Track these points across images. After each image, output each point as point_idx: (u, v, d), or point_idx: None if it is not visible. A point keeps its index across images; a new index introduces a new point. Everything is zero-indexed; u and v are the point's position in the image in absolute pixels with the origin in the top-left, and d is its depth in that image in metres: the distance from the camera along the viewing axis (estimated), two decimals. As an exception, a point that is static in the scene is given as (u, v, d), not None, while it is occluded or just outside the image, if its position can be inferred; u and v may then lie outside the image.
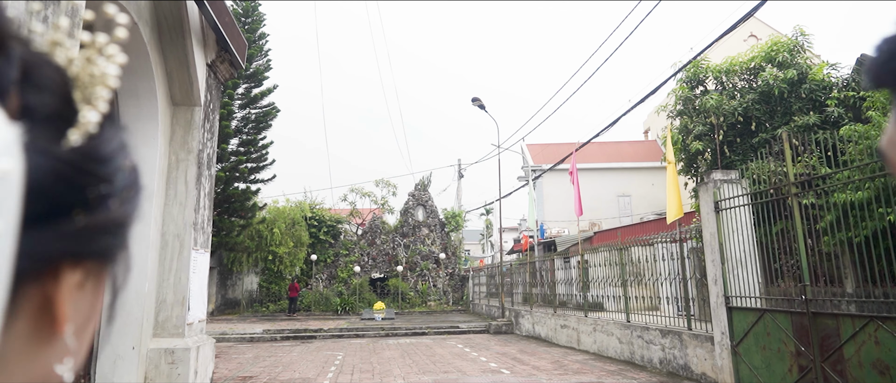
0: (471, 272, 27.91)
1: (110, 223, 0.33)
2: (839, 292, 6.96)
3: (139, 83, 6.38)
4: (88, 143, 0.31)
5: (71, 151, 0.30)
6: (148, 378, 6.14)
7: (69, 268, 0.31)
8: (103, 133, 0.32)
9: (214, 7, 6.68)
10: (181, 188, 6.79)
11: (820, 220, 7.67)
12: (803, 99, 11.82)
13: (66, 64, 0.31)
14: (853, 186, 7.69)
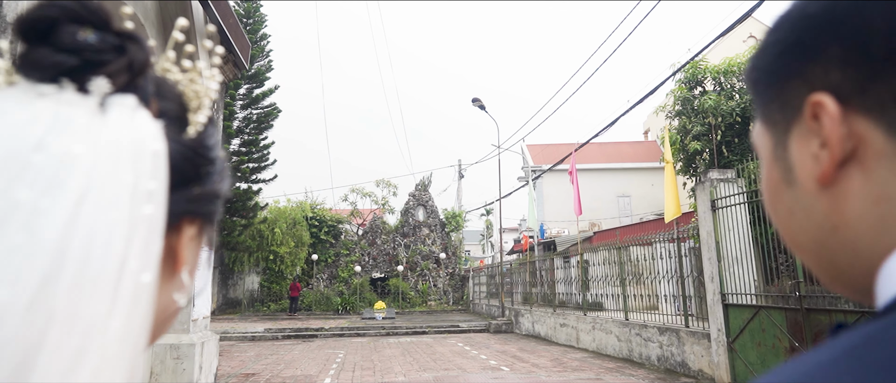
0: (471, 272, 28.03)
1: (213, 193, 0.45)
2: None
3: (145, 83, 6.51)
4: (199, 136, 0.43)
5: (190, 141, 0.42)
6: (154, 373, 6.25)
7: (188, 223, 0.43)
8: (207, 130, 0.44)
9: (219, 8, 6.80)
10: (186, 187, 6.90)
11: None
12: (801, 99, 11.96)
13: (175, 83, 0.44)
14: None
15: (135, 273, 0.34)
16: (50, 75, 0.36)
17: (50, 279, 0.30)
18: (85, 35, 0.38)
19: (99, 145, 0.34)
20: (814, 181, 0.39)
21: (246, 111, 20.92)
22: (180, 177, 0.40)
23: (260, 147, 21.00)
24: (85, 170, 0.33)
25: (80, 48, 0.37)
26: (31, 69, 0.36)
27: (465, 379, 8.97)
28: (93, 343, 0.31)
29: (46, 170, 0.32)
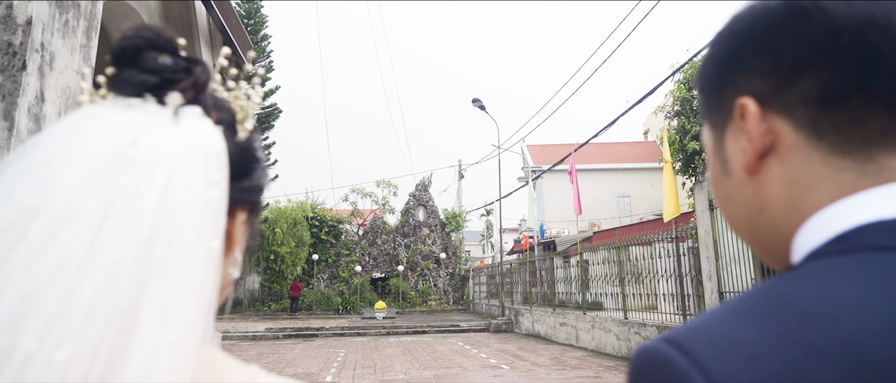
0: (471, 272, 28.10)
1: (259, 186, 0.55)
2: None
3: (149, 84, 6.59)
4: (248, 140, 0.53)
5: (241, 143, 0.52)
6: (157, 370, 6.33)
7: (240, 210, 0.53)
8: (253, 136, 0.54)
9: (222, 9, 6.88)
10: (189, 186, 6.98)
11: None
12: (798, 100, 12.03)
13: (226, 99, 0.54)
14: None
15: (207, 240, 0.44)
16: (136, 91, 0.46)
17: (149, 241, 0.40)
18: (163, 59, 0.48)
19: (177, 144, 0.44)
20: (743, 170, 0.48)
21: (247, 111, 21.03)
22: (234, 172, 0.50)
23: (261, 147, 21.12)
24: (168, 162, 0.43)
25: (159, 69, 0.47)
26: (121, 86, 0.47)
27: (465, 378, 9.04)
28: (181, 289, 0.41)
29: (141, 162, 0.42)
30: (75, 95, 3.97)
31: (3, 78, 3.32)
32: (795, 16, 0.44)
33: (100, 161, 0.42)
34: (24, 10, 3.45)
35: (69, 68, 3.87)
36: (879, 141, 0.42)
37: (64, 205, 0.40)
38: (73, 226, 0.39)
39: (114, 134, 0.43)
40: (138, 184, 0.42)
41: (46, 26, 3.57)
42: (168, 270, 0.41)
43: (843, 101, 0.43)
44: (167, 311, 0.40)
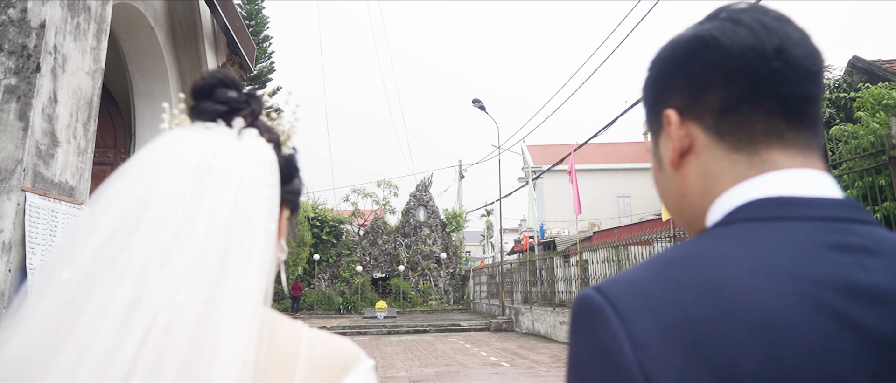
0: (471, 272, 28.19)
1: (298, 190, 0.73)
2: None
3: (154, 85, 6.68)
4: (290, 155, 0.71)
5: (285, 157, 0.69)
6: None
7: (285, 207, 0.70)
8: (294, 152, 0.72)
9: (226, 11, 6.98)
10: (194, 185, 7.10)
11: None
12: (796, 100, 12.12)
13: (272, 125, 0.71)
14: (842, 184, 7.95)
15: (266, 224, 0.59)
16: (211, 117, 0.63)
17: (228, 224, 0.56)
18: (230, 94, 0.64)
19: (243, 156, 0.60)
20: (670, 166, 0.62)
21: (248, 112, 21.11)
22: (281, 178, 0.66)
23: (262, 148, 21.21)
24: (238, 168, 0.59)
25: (227, 101, 0.64)
26: (200, 114, 0.63)
27: (466, 375, 9.14)
28: (251, 257, 0.56)
29: (219, 168, 0.58)
30: (86, 97, 4.08)
31: (18, 79, 3.42)
32: (700, 46, 0.58)
33: (190, 167, 0.58)
34: (38, 14, 3.55)
35: (80, 70, 3.97)
36: (762, 140, 0.56)
37: (167, 199, 0.56)
38: (176, 214, 0.55)
39: (198, 148, 0.60)
40: (218, 183, 0.58)
41: (59, 29, 3.67)
42: (242, 244, 0.56)
43: (736, 110, 0.56)
44: (243, 272, 0.55)
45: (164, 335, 0.50)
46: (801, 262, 0.47)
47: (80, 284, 0.52)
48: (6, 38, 3.51)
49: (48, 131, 3.60)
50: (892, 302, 0.44)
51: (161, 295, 0.51)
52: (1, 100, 3.40)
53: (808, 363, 0.42)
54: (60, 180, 3.75)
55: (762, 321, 0.44)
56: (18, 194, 3.31)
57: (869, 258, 0.47)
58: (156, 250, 0.53)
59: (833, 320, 0.44)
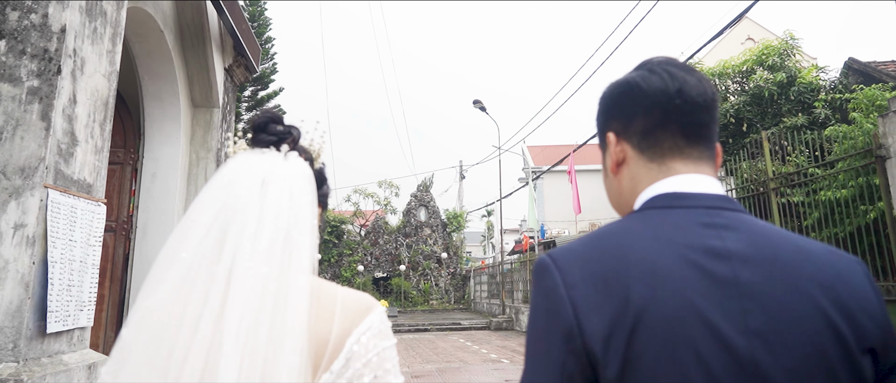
0: (472, 272, 28.34)
1: (326, 194, 1.00)
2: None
3: (163, 86, 6.85)
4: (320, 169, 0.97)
5: (317, 170, 0.94)
6: (172, 360, 6.60)
7: (318, 206, 0.94)
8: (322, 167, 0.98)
9: (233, 14, 7.15)
10: (202, 184, 7.25)
11: (807, 217, 8.09)
12: (792, 100, 12.25)
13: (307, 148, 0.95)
14: (837, 184, 8.10)
15: (310, 219, 0.82)
16: (265, 144, 0.88)
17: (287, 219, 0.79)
18: (278, 127, 0.90)
19: (290, 171, 0.85)
20: (611, 173, 0.86)
21: (251, 113, 21.27)
22: (316, 185, 0.91)
23: (265, 148, 21.35)
24: (288, 181, 0.83)
25: (276, 133, 0.89)
26: (257, 143, 0.89)
27: (466, 371, 9.30)
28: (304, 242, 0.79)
29: (276, 181, 0.82)
30: (103, 98, 4.25)
31: (40, 81, 3.59)
32: (628, 89, 0.83)
33: (257, 181, 0.83)
34: (59, 19, 3.72)
35: (97, 72, 4.14)
36: (668, 154, 0.79)
37: (245, 203, 0.80)
38: (252, 212, 0.79)
39: (260, 167, 0.85)
40: (276, 192, 0.82)
41: (78, 33, 3.85)
42: (296, 232, 0.80)
43: (652, 133, 0.79)
44: (298, 250, 0.79)
45: (255, 292, 0.75)
46: (678, 234, 0.73)
47: (193, 260, 0.78)
48: (28, 42, 3.68)
49: (68, 131, 3.77)
50: (733, 259, 0.70)
51: (248, 266, 0.76)
52: (24, 101, 3.57)
53: (672, 293, 0.67)
54: (79, 178, 3.92)
55: (647, 269, 0.69)
56: (41, 191, 3.48)
57: (725, 232, 0.73)
58: (243, 237, 0.78)
59: (692, 268, 0.69)
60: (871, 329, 0.69)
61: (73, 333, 3.85)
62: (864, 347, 0.68)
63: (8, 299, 3.30)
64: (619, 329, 0.67)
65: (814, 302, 0.68)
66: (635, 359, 0.66)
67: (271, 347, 0.73)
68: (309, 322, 0.77)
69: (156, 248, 6.69)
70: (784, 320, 0.67)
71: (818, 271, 0.70)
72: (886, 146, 5.13)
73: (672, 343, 0.65)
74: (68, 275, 3.76)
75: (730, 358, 0.65)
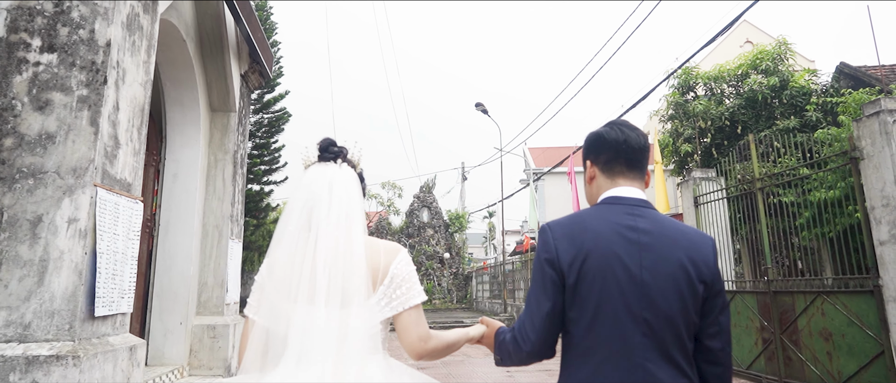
0: (474, 272, 28.72)
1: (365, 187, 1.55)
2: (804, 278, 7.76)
3: (184, 93, 7.26)
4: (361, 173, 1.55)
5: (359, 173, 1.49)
6: (193, 350, 6.99)
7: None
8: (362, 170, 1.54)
9: (250, 23, 7.56)
10: (219, 184, 7.66)
11: (799, 217, 8.47)
12: (785, 104, 12.64)
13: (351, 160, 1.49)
14: (827, 184, 8.48)
15: (359, 203, 1.36)
16: (328, 159, 1.43)
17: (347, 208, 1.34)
18: (335, 148, 1.45)
19: (345, 176, 1.40)
20: (588, 184, 1.42)
21: (257, 115, 21.69)
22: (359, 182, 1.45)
23: (271, 149, 21.75)
24: (345, 182, 1.39)
25: (334, 152, 1.45)
26: (323, 158, 1.45)
27: (469, 364, 9.69)
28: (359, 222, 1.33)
29: (338, 183, 1.38)
30: (140, 105, 4.62)
31: (89, 91, 4.01)
32: (598, 137, 1.38)
33: (326, 182, 1.37)
34: (104, 34, 4.14)
35: (136, 81, 4.56)
36: (617, 174, 1.33)
37: (320, 196, 1.33)
38: (326, 202, 1.33)
39: (328, 173, 1.39)
40: (338, 190, 1.36)
41: (120, 47, 4.26)
42: (352, 213, 1.32)
43: (609, 163, 1.32)
44: (355, 222, 1.33)
45: (330, 247, 1.34)
46: (612, 216, 1.33)
47: (294, 231, 1.37)
48: (78, 55, 4.09)
49: (112, 135, 4.18)
50: (639, 231, 1.30)
51: (326, 232, 1.35)
52: (75, 108, 3.98)
53: (604, 244, 1.29)
54: (121, 177, 4.33)
55: (593, 232, 1.31)
56: (91, 189, 3.89)
57: (638, 218, 1.32)
58: (321, 216, 1.36)
59: (617, 234, 1.29)
60: (705, 271, 1.30)
61: (116, 318, 4.26)
62: (700, 279, 1.29)
63: (64, 285, 3.71)
64: (576, 260, 1.30)
65: (677, 255, 1.28)
66: (583, 276, 1.30)
67: (344, 275, 1.34)
68: (366, 260, 1.37)
69: (178, 245, 7.09)
70: (661, 262, 1.28)
71: (684, 239, 1.31)
72: (861, 148, 5.51)
73: (602, 268, 1.28)
74: (113, 265, 4.17)
75: (630, 277, 1.27)
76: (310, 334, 1.26)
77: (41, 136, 3.91)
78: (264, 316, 1.34)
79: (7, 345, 3.55)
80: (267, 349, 1.32)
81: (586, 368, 1.27)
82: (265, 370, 1.30)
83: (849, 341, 5.59)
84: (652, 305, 1.23)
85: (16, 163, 3.85)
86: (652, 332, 1.23)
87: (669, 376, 1.22)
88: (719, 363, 1.34)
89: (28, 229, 3.76)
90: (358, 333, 1.30)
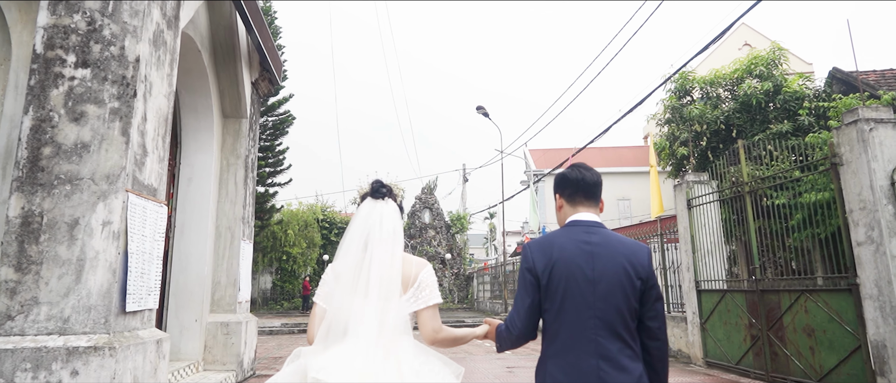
0: (475, 272, 29.04)
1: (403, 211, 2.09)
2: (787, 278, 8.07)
3: (198, 100, 7.60)
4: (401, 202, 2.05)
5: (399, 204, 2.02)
6: (207, 346, 7.33)
7: None
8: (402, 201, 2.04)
9: (261, 33, 7.90)
10: (232, 188, 8.00)
11: (792, 218, 8.77)
12: (778, 108, 12.95)
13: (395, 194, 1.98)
14: (818, 187, 8.79)
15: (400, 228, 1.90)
16: (378, 197, 1.95)
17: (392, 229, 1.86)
18: (383, 189, 1.96)
19: (390, 209, 1.92)
20: (557, 210, 1.89)
21: (262, 118, 22.05)
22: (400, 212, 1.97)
23: (275, 152, 22.10)
24: (391, 216, 1.92)
25: (381, 191, 1.96)
26: (374, 196, 1.96)
27: (471, 360, 10.02)
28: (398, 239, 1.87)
29: (386, 214, 1.91)
30: (164, 115, 4.94)
31: (120, 103, 4.35)
32: (564, 176, 1.89)
33: (377, 213, 1.97)
34: (134, 50, 4.48)
35: (160, 94, 4.90)
36: (578, 204, 1.79)
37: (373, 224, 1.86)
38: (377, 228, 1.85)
39: (378, 208, 1.98)
40: (386, 222, 1.96)
41: (148, 62, 4.60)
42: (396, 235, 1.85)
43: (571, 196, 1.77)
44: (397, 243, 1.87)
45: (382, 260, 1.89)
46: (573, 234, 1.83)
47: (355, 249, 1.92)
48: (109, 70, 4.42)
49: (141, 144, 4.52)
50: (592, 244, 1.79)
51: (379, 249, 1.90)
52: (107, 119, 4.32)
53: (568, 254, 1.79)
54: (148, 183, 4.66)
55: (559, 246, 1.81)
56: (123, 194, 4.23)
57: (593, 235, 1.81)
58: (374, 239, 1.90)
59: (577, 247, 1.79)
60: (641, 271, 1.75)
61: (144, 313, 4.59)
62: (637, 277, 1.74)
63: (100, 283, 4.04)
64: (547, 267, 1.77)
65: (620, 260, 1.75)
66: (552, 278, 1.77)
67: (388, 279, 1.85)
68: (402, 269, 1.90)
69: (192, 246, 7.43)
70: (608, 265, 1.74)
71: (625, 249, 1.77)
72: (840, 155, 5.83)
73: (566, 272, 1.75)
74: (141, 264, 4.51)
75: (585, 277, 1.73)
76: (363, 317, 1.82)
77: (77, 146, 4.25)
78: (331, 304, 1.87)
79: (49, 337, 3.89)
80: (331, 326, 1.84)
81: (557, 343, 1.81)
82: (329, 340, 1.83)
83: (829, 336, 5.91)
84: (602, 297, 1.72)
85: (54, 171, 4.18)
86: (602, 316, 1.72)
87: (616, 347, 1.72)
88: (657, 338, 1.81)
89: (66, 231, 4.09)
90: (394, 319, 1.84)
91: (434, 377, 1.82)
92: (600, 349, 1.70)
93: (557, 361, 1.80)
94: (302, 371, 1.78)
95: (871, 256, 5.36)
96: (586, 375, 1.70)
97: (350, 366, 1.72)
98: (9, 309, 3.93)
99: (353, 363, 1.73)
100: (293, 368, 1.82)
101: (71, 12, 4.49)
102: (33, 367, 3.76)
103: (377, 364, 1.74)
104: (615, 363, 1.69)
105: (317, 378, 1.72)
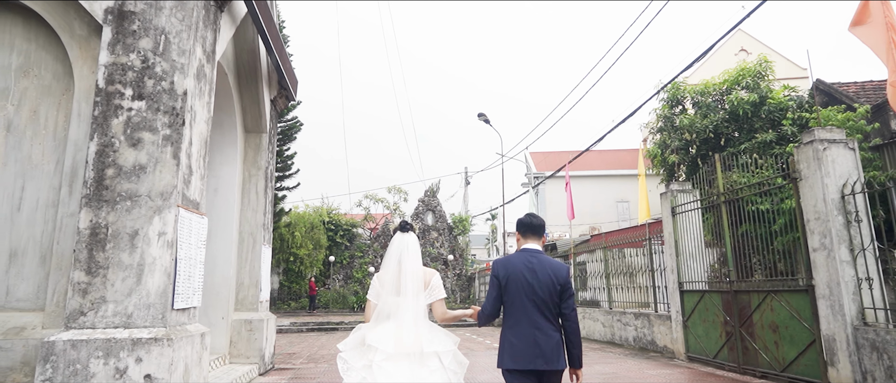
0: (477, 273, 29.78)
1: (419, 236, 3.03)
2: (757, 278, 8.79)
3: (224, 117, 8.35)
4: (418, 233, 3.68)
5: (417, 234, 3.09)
6: (232, 341, 8.08)
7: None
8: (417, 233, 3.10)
9: (280, 55, 8.65)
10: (253, 197, 8.75)
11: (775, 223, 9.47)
12: (764, 118, 13.64)
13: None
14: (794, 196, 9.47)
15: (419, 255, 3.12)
16: (405, 231, 3.07)
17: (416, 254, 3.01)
18: (408, 225, 3.09)
19: (413, 239, 3.05)
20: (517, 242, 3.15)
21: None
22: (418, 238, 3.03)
23: (283, 157, 22.86)
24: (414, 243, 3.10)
25: (407, 227, 3.09)
26: (403, 230, 3.08)
27: (473, 356, 10.75)
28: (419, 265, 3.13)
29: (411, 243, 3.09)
30: (204, 138, 5.69)
31: (171, 131, 5.10)
32: (521, 221, 3.12)
33: (406, 243, 3.16)
34: (182, 85, 5.23)
35: (201, 120, 5.65)
36: (526, 237, 2.94)
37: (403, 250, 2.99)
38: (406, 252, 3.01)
39: (406, 238, 3.19)
40: (412, 247, 3.17)
41: (192, 94, 5.35)
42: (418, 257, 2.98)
43: (523, 233, 2.88)
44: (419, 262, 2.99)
45: (413, 272, 3.09)
46: (522, 257, 3.03)
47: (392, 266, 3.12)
48: (161, 102, 5.17)
49: (188, 165, 5.26)
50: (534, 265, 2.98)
51: (409, 265, 3.09)
52: (161, 144, 5.07)
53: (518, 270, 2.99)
54: (193, 198, 5.41)
55: (513, 264, 3.02)
56: (175, 209, 4.97)
57: (534, 259, 3.01)
58: (406, 260, 3.09)
59: (524, 265, 2.99)
60: (561, 280, 2.94)
61: (190, 310, 5.34)
62: (558, 283, 2.93)
63: (157, 284, 4.79)
64: (505, 275, 2.99)
65: (549, 272, 2.94)
66: (508, 282, 2.98)
67: (414, 283, 3.05)
68: (422, 276, 3.09)
69: (219, 250, 8.18)
70: (541, 275, 2.93)
71: (552, 267, 2.96)
72: (799, 170, 6.56)
73: (516, 279, 2.96)
74: (188, 268, 5.26)
75: (528, 283, 2.93)
76: (402, 308, 2.98)
77: (135, 167, 5.00)
78: (379, 301, 3.02)
79: (116, 330, 4.64)
80: (379, 313, 3.00)
81: (510, 320, 2.93)
82: (378, 321, 3.00)
83: (790, 332, 6.63)
84: (537, 295, 2.87)
85: (116, 189, 4.94)
86: (538, 306, 2.88)
87: (547, 324, 2.89)
88: (571, 320, 2.94)
89: (127, 241, 4.84)
90: (421, 308, 3.00)
91: (441, 342, 2.92)
92: (535, 323, 2.86)
93: (511, 330, 2.93)
94: (361, 338, 2.88)
95: (824, 261, 6.08)
96: (527, 338, 2.87)
97: (392, 335, 2.91)
98: (82, 306, 4.69)
99: (395, 333, 2.91)
100: (356, 336, 2.91)
101: (127, 52, 5.24)
102: (104, 355, 4.51)
103: (409, 334, 2.91)
104: (544, 332, 2.87)
105: (371, 342, 2.81)
